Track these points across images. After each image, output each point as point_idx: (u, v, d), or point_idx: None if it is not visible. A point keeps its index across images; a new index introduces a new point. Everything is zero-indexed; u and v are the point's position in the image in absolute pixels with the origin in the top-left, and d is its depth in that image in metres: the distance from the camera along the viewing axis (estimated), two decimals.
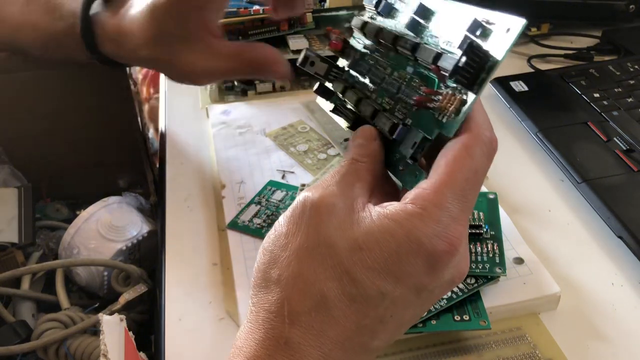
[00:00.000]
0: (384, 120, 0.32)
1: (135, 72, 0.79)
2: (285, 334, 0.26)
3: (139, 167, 0.62)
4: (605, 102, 0.56)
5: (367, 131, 0.32)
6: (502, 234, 0.41)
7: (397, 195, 0.31)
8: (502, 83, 0.61)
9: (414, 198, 0.27)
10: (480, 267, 0.38)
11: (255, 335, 0.26)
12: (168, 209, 0.49)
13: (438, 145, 0.28)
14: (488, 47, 0.27)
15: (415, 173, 0.29)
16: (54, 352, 0.44)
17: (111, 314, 0.43)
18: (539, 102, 0.58)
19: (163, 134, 0.59)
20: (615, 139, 0.51)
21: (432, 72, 0.30)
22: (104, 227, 0.50)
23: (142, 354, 0.40)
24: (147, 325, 0.47)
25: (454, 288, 0.37)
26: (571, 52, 0.69)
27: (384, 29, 0.35)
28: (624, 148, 0.50)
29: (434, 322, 0.36)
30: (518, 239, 0.43)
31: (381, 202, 0.28)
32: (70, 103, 0.57)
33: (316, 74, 0.39)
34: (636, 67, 0.62)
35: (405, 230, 0.26)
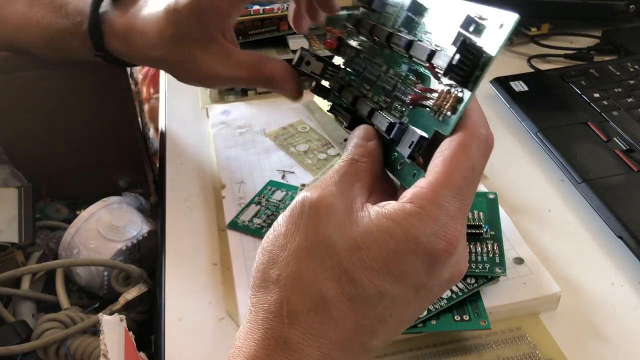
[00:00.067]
0: (380, 119, 0.32)
1: (136, 71, 0.79)
2: (284, 334, 0.26)
3: (139, 167, 0.62)
4: (605, 102, 0.56)
5: (365, 130, 0.32)
6: (502, 234, 0.41)
7: (395, 194, 0.32)
8: (502, 83, 0.61)
9: (411, 197, 0.27)
10: (480, 267, 0.38)
11: (254, 336, 0.26)
12: (168, 209, 0.49)
13: (435, 143, 0.28)
14: (482, 44, 0.27)
15: (413, 172, 0.29)
16: (54, 352, 0.44)
17: (111, 314, 0.43)
18: (539, 102, 0.58)
19: (163, 134, 0.59)
20: (615, 139, 0.51)
21: (427, 69, 0.30)
22: (104, 227, 0.50)
23: (142, 354, 0.40)
24: (147, 325, 0.47)
25: (454, 288, 0.37)
26: (571, 52, 0.69)
27: (377, 26, 0.35)
28: (624, 148, 0.50)
29: (434, 322, 0.36)
30: (518, 239, 0.43)
31: (380, 201, 0.28)
32: (70, 103, 0.57)
33: (312, 74, 0.39)
34: (636, 67, 0.62)
35: (403, 230, 0.26)
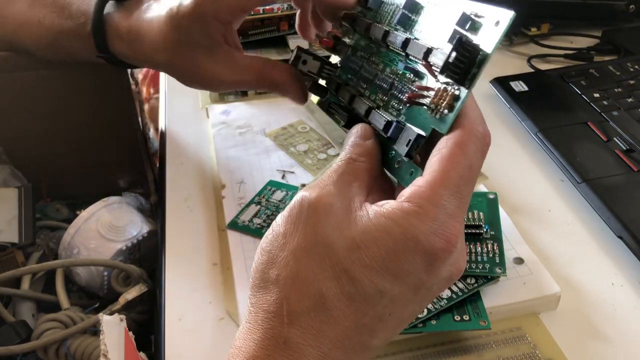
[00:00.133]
0: (377, 117, 0.32)
1: (136, 71, 0.79)
2: (284, 334, 0.26)
3: (140, 167, 0.62)
4: (605, 102, 0.56)
5: (363, 129, 0.32)
6: (502, 234, 0.41)
7: (393, 192, 0.32)
8: (502, 83, 0.61)
9: (409, 196, 0.27)
10: (480, 267, 0.38)
11: (254, 336, 0.26)
12: (168, 209, 0.49)
13: (433, 141, 0.28)
14: (478, 41, 0.27)
15: (411, 170, 0.29)
16: (54, 352, 0.44)
17: (111, 314, 0.43)
18: (539, 102, 0.58)
19: (163, 134, 0.59)
20: (615, 139, 0.51)
21: (423, 67, 0.30)
22: (104, 227, 0.50)
23: (142, 354, 0.40)
24: (147, 325, 0.47)
25: (454, 288, 0.37)
26: (571, 52, 0.69)
27: (373, 24, 0.35)
28: (624, 148, 0.50)
29: (434, 322, 0.36)
30: (518, 239, 0.43)
31: (378, 199, 0.28)
32: (70, 103, 0.57)
33: (309, 72, 0.39)
34: (636, 67, 0.62)
35: (402, 229, 0.26)
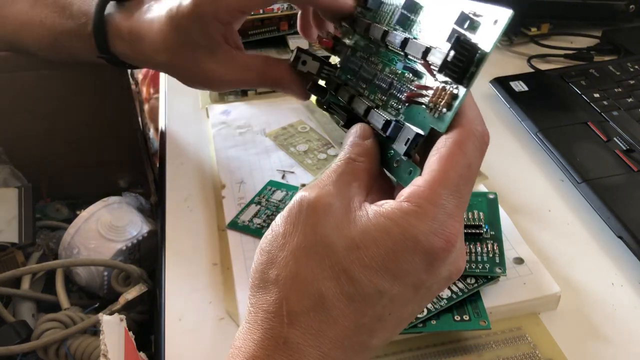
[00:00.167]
0: (376, 117, 0.32)
1: (136, 71, 0.79)
2: (284, 334, 0.26)
3: (139, 167, 0.62)
4: (605, 102, 0.56)
5: (362, 129, 0.32)
6: (502, 234, 0.41)
7: (392, 192, 0.32)
8: (502, 83, 0.61)
9: (409, 196, 0.27)
10: (480, 267, 0.38)
11: (254, 336, 0.26)
12: (168, 209, 0.49)
13: (431, 141, 0.28)
14: (476, 40, 0.27)
15: (409, 169, 0.29)
16: (54, 352, 0.44)
17: (111, 314, 0.43)
18: (539, 102, 0.58)
19: (163, 134, 0.59)
20: (615, 139, 0.51)
21: (422, 66, 0.30)
22: (104, 227, 0.50)
23: (142, 354, 0.40)
24: (147, 325, 0.47)
25: (454, 288, 0.37)
26: (571, 52, 0.69)
27: (372, 24, 0.35)
28: (624, 148, 0.50)
29: (434, 322, 0.36)
30: (518, 239, 0.43)
31: (378, 199, 0.28)
32: (70, 103, 0.57)
33: (309, 73, 0.39)
34: (636, 67, 0.62)
35: (401, 229, 0.26)
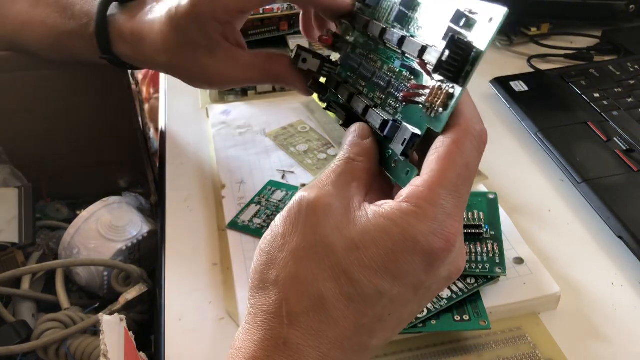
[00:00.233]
0: (374, 116, 0.32)
1: (136, 72, 0.79)
2: (283, 335, 0.26)
3: (139, 167, 0.62)
4: (605, 102, 0.56)
5: (361, 128, 0.32)
6: (502, 234, 0.41)
7: (392, 191, 0.32)
8: (502, 83, 0.61)
9: (408, 196, 0.27)
10: (480, 267, 0.38)
11: (253, 337, 0.26)
12: (168, 209, 0.49)
13: (430, 140, 0.28)
14: (472, 38, 0.27)
15: (407, 169, 0.29)
16: (54, 352, 0.44)
17: (111, 314, 0.43)
18: (539, 102, 0.58)
19: (163, 134, 0.59)
20: (615, 139, 0.51)
21: (418, 65, 0.30)
22: (104, 227, 0.50)
23: (142, 354, 0.40)
24: (147, 325, 0.47)
25: (454, 288, 0.37)
26: (571, 52, 0.69)
27: (371, 22, 0.35)
28: (624, 148, 0.50)
29: (434, 322, 0.36)
30: (518, 239, 0.43)
31: (377, 199, 0.28)
32: (70, 103, 0.57)
33: (309, 70, 0.39)
34: (636, 67, 0.62)
35: (401, 229, 0.26)
